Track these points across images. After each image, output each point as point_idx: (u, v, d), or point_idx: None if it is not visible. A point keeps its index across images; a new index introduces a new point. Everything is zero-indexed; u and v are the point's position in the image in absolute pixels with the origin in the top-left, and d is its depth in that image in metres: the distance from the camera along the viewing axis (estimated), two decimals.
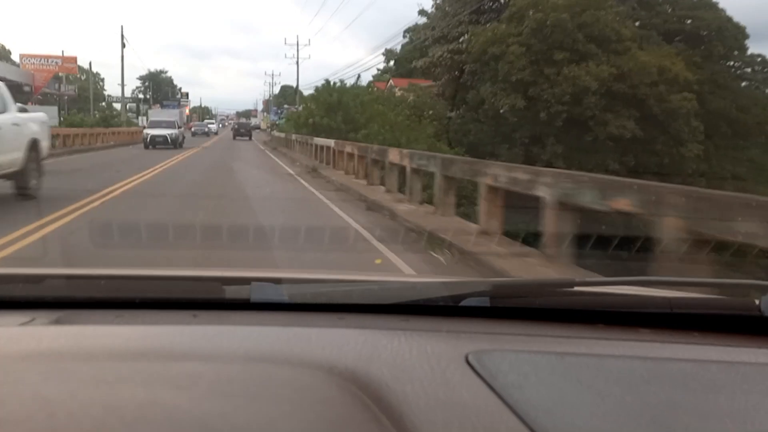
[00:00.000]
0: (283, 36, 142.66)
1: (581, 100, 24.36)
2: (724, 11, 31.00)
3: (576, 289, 1.19)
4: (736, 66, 32.45)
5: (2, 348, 0.92)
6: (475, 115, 29.62)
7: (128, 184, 12.15)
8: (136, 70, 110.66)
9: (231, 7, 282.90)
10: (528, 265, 5.10)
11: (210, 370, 0.83)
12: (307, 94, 38.17)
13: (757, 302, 1.08)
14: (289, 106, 61.99)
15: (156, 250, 4.82)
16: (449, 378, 0.82)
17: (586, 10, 24.84)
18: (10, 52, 60.55)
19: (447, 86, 31.55)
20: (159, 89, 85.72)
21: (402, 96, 31.30)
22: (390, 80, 43.36)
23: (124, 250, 4.54)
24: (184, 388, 0.77)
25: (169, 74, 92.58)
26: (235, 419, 0.68)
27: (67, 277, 1.28)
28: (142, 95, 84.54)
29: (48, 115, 38.92)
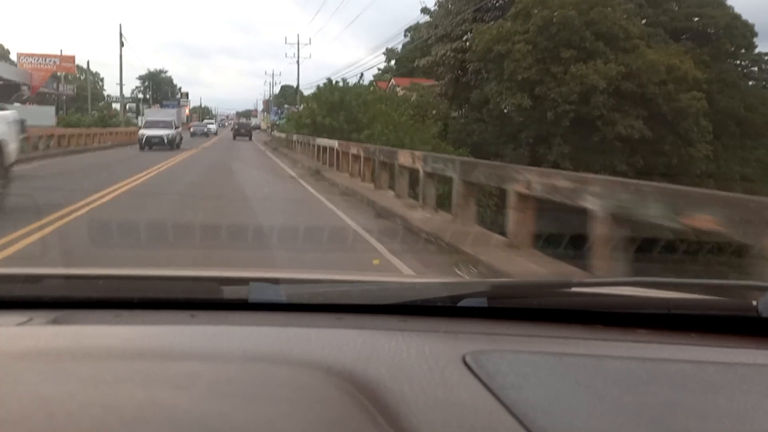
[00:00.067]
0: (283, 35, 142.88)
1: (589, 99, 23.83)
2: (732, 9, 30.66)
3: (574, 289, 1.19)
4: (743, 65, 32.10)
5: (1, 348, 0.91)
6: (478, 115, 29.21)
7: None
8: (136, 70, 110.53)
9: (230, 6, 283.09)
10: None
11: (208, 370, 0.83)
12: (308, 94, 37.76)
13: (755, 303, 1.05)
14: (289, 106, 61.71)
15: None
16: (447, 378, 0.82)
17: (593, 7, 24.32)
18: (8, 52, 60.22)
19: (450, 86, 31.15)
20: (159, 89, 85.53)
21: (405, 95, 30.85)
22: (392, 80, 42.91)
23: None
24: (183, 388, 0.77)
25: (168, 74, 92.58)
26: (234, 419, 0.68)
27: (66, 277, 1.27)
28: (141, 95, 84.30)
29: (45, 115, 38.28)
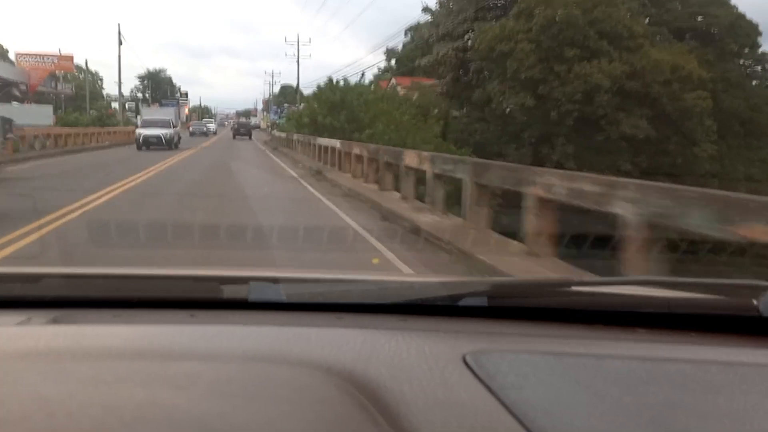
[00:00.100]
0: (283, 35, 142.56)
1: (593, 98, 23.60)
2: (736, 8, 30.39)
3: (574, 289, 1.18)
4: (746, 64, 31.85)
5: (0, 347, 0.91)
6: (480, 115, 28.94)
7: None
8: (136, 70, 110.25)
9: (230, 6, 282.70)
10: None
11: (208, 369, 0.83)
12: (308, 93, 37.50)
13: (755, 302, 1.05)
14: (289, 105, 61.39)
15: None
16: (447, 378, 0.82)
17: (597, 6, 24.06)
18: (7, 51, 59.85)
19: (451, 85, 30.88)
20: (158, 88, 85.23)
21: (406, 95, 30.58)
22: (392, 79, 42.60)
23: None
24: (183, 388, 0.77)
25: (168, 73, 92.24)
26: (234, 419, 0.68)
27: (65, 277, 1.26)
28: (141, 95, 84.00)
29: (43, 114, 37.90)
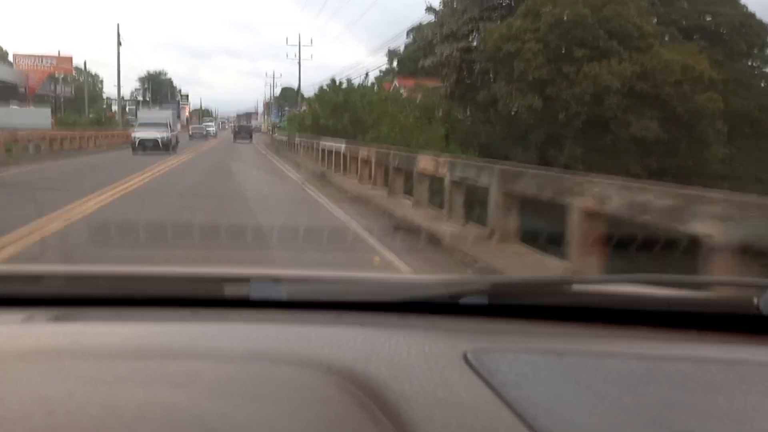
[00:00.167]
0: (284, 36, 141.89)
1: (602, 100, 23.05)
2: (746, 7, 29.84)
3: (574, 287, 1.19)
4: (755, 65, 31.32)
5: (0, 346, 0.90)
6: (485, 117, 28.41)
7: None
8: (136, 71, 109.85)
9: (230, 6, 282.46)
10: None
11: (209, 368, 0.82)
12: (309, 95, 36.96)
13: (755, 301, 1.04)
14: (290, 107, 60.91)
15: None
16: (447, 376, 0.82)
17: (606, 4, 23.51)
18: (7, 53, 59.36)
19: (455, 86, 30.36)
20: (159, 90, 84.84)
21: (409, 96, 30.07)
22: (395, 80, 42.11)
23: None
24: (183, 387, 0.77)
25: (168, 75, 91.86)
26: (234, 418, 0.68)
27: (66, 275, 1.25)
28: (141, 97, 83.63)
29: (41, 116, 37.27)
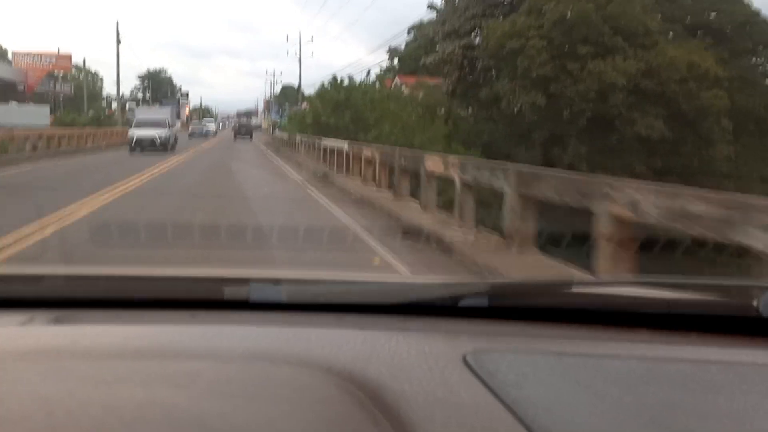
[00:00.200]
0: (284, 35, 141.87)
1: (607, 97, 22.73)
2: (751, 5, 29.51)
3: (574, 289, 1.19)
4: (759, 62, 31.02)
5: (1, 347, 0.90)
6: (488, 115, 28.11)
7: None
8: (136, 70, 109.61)
9: (230, 6, 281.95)
10: None
11: (209, 369, 0.83)
12: (310, 93, 36.68)
13: (755, 303, 1.04)
14: (290, 105, 60.58)
15: None
16: (447, 378, 0.82)
17: (611, 1, 23.20)
18: (6, 51, 59.03)
19: (457, 84, 30.06)
20: (159, 88, 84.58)
21: (411, 94, 29.77)
22: (396, 78, 41.82)
23: None
24: (183, 388, 0.77)
25: (168, 74, 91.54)
26: (234, 419, 0.68)
27: (66, 277, 1.25)
28: (141, 95, 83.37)
29: (40, 114, 36.94)
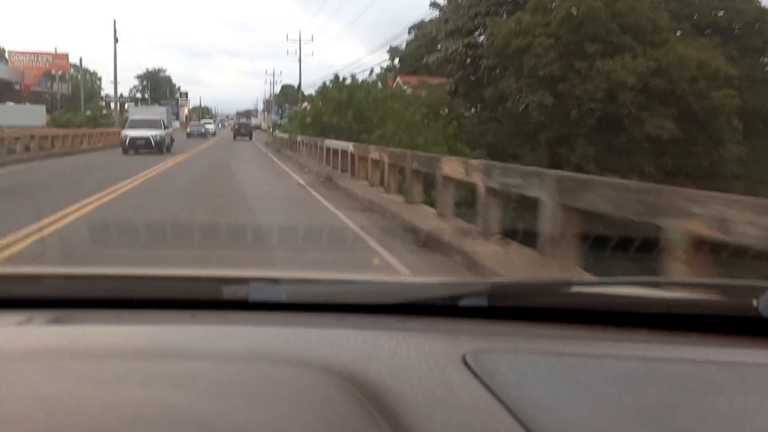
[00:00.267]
0: (283, 35, 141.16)
1: (616, 96, 22.18)
2: (760, 2, 28.99)
3: (574, 289, 1.18)
4: (765, 62, 30.49)
5: (0, 347, 0.90)
6: (492, 114, 27.56)
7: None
8: (135, 70, 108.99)
9: (230, 6, 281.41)
10: None
11: (208, 369, 0.82)
12: (311, 92, 36.11)
13: (755, 303, 1.04)
14: (290, 105, 60.11)
15: None
16: (447, 378, 0.82)
17: None
18: (4, 50, 58.43)
19: (461, 83, 29.51)
20: (158, 88, 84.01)
21: (414, 93, 29.21)
22: (397, 78, 41.29)
23: None
24: (183, 388, 0.76)
25: (167, 73, 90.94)
26: (234, 418, 0.68)
27: (65, 277, 1.26)
28: (140, 94, 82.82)
29: (36, 114, 36.22)
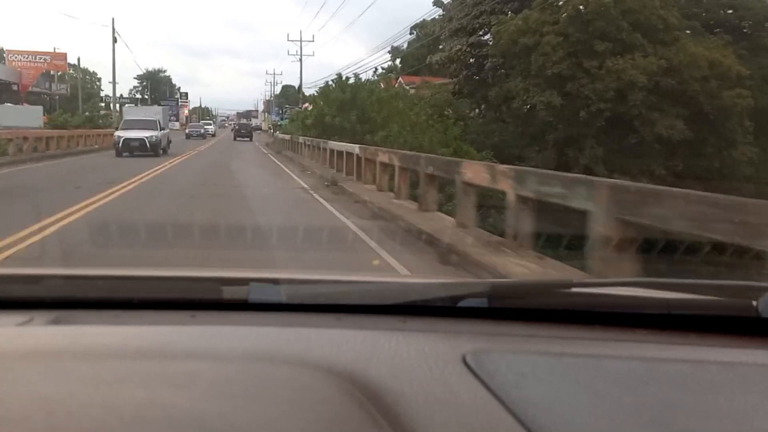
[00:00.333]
0: (283, 35, 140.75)
1: (626, 96, 21.58)
2: None
3: (574, 290, 1.18)
4: None
5: (1, 347, 0.90)
6: (497, 115, 27.03)
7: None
8: (135, 70, 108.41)
9: (230, 6, 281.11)
10: None
11: (208, 369, 0.82)
12: (312, 93, 35.59)
13: (754, 303, 1.04)
14: (291, 105, 59.65)
15: None
16: (447, 378, 0.82)
17: None
18: (3, 50, 57.85)
19: (465, 83, 28.97)
20: (157, 89, 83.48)
21: (417, 93, 28.68)
22: (399, 78, 40.82)
23: None
24: (183, 388, 0.76)
25: (167, 73, 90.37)
26: (234, 419, 0.68)
27: (66, 277, 1.25)
28: (140, 95, 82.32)
29: (33, 115, 35.55)
